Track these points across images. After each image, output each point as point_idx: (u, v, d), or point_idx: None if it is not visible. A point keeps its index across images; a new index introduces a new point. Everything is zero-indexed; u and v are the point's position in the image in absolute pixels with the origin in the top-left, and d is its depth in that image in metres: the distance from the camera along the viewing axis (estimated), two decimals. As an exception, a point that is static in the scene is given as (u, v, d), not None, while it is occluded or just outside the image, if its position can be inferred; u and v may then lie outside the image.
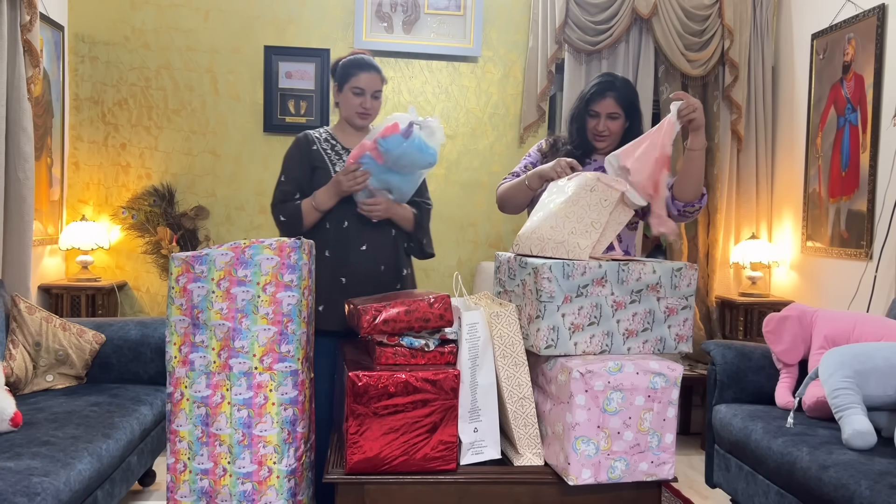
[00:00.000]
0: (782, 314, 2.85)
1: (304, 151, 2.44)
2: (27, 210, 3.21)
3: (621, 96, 2.37)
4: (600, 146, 2.41)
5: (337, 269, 2.38)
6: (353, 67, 2.40)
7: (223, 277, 1.83)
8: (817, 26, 3.82)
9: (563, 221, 1.84)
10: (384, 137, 2.21)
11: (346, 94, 2.40)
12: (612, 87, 2.38)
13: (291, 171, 2.44)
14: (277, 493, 1.82)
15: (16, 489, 1.80)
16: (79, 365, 2.87)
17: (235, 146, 4.00)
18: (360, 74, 2.38)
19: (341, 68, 2.42)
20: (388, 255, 2.42)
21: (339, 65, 2.44)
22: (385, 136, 2.21)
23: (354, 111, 2.41)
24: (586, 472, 1.65)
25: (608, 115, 2.38)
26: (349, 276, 2.37)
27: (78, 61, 3.90)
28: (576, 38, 3.98)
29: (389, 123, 2.23)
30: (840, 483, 2.04)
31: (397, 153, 2.21)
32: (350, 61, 2.42)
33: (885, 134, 3.32)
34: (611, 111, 2.37)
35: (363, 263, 2.38)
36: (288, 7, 3.99)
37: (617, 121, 2.39)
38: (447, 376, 1.66)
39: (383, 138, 2.21)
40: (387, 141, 2.21)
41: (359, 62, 2.41)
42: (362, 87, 2.39)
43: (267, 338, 1.82)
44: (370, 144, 2.25)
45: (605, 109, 2.37)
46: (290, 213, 2.39)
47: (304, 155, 2.44)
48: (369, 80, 2.39)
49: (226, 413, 1.82)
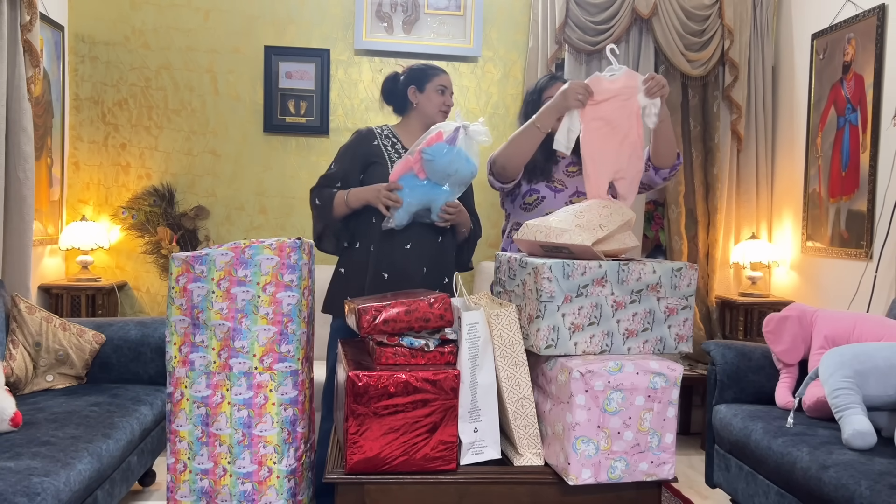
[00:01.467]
0: (782, 314, 2.85)
1: (364, 145, 2.56)
2: (27, 210, 3.21)
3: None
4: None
5: (380, 265, 2.44)
6: (431, 69, 2.61)
7: (223, 277, 1.83)
8: (817, 26, 3.82)
9: (571, 219, 1.87)
10: (429, 146, 2.26)
11: (428, 94, 2.57)
12: (559, 78, 2.60)
13: (342, 162, 2.56)
14: (277, 493, 1.82)
15: (16, 489, 1.80)
16: (79, 365, 2.87)
17: (235, 146, 4.00)
18: (442, 75, 2.60)
19: (417, 72, 2.60)
20: (432, 257, 2.48)
21: (410, 70, 2.63)
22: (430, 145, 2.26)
23: (438, 108, 2.57)
24: (586, 472, 1.66)
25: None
26: (392, 272, 2.43)
27: (78, 61, 3.90)
28: (576, 38, 3.98)
29: (433, 133, 2.28)
30: (840, 483, 2.04)
31: (443, 162, 2.25)
32: (426, 65, 2.65)
33: (885, 134, 3.32)
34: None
35: (406, 262, 2.44)
36: (288, 7, 3.99)
37: None
38: (447, 376, 1.66)
39: (428, 146, 2.25)
40: (432, 150, 2.25)
41: (435, 66, 2.65)
42: (445, 85, 2.59)
43: (267, 338, 1.83)
44: (413, 158, 2.29)
45: (552, 94, 2.44)
46: (324, 198, 2.50)
47: (362, 148, 2.55)
48: (448, 80, 2.62)
49: (226, 413, 1.82)
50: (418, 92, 2.58)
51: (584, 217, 1.87)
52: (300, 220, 4.02)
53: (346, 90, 4.04)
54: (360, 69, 4.03)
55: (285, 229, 4.02)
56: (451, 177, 2.29)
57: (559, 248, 1.84)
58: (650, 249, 4.37)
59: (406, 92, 2.59)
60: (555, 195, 2.52)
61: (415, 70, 2.62)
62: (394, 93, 2.63)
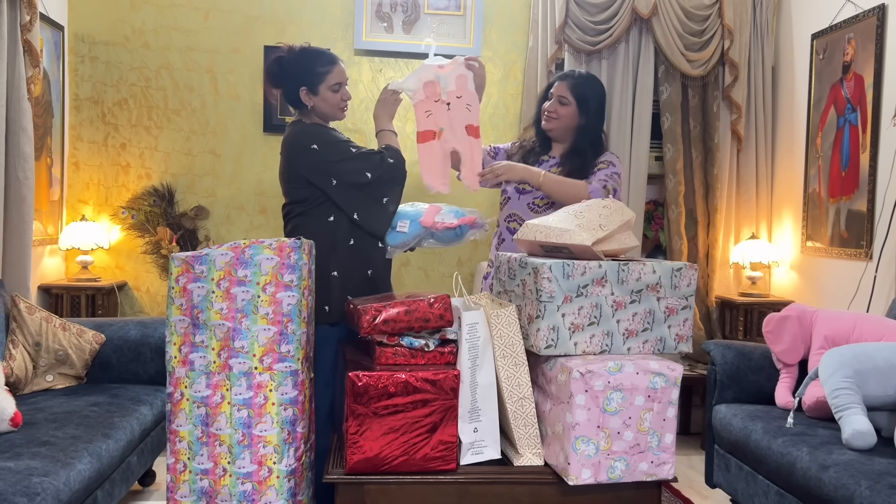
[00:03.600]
0: (782, 314, 2.85)
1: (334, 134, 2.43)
2: (27, 210, 3.21)
3: (575, 85, 2.59)
4: (546, 126, 2.64)
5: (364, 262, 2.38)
6: (321, 64, 2.32)
7: (223, 277, 1.83)
8: (817, 26, 3.82)
9: (572, 218, 1.88)
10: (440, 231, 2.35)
11: (323, 95, 2.33)
12: (570, 76, 2.64)
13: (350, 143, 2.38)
14: (277, 493, 1.82)
15: (16, 489, 1.80)
16: (79, 365, 2.87)
17: (235, 146, 4.00)
18: (334, 69, 2.33)
19: (305, 68, 2.31)
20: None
21: (297, 63, 2.32)
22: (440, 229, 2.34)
23: (337, 107, 2.38)
24: (586, 472, 1.66)
25: (559, 97, 2.60)
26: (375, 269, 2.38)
27: (78, 61, 3.90)
28: (576, 38, 3.98)
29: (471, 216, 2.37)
30: (840, 483, 2.04)
31: (446, 243, 2.39)
32: (313, 59, 2.32)
33: (885, 134, 3.32)
34: (561, 94, 2.59)
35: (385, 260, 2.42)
36: (288, 7, 3.99)
37: (566, 107, 2.59)
38: (447, 376, 1.66)
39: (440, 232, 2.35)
40: (443, 235, 2.36)
41: (324, 56, 2.33)
42: (340, 81, 2.34)
43: (267, 338, 1.83)
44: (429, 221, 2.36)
45: (557, 92, 2.61)
46: (393, 152, 2.36)
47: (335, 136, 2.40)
48: (342, 71, 2.35)
49: (226, 413, 1.83)
50: (312, 95, 2.34)
51: (584, 217, 1.87)
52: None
53: (346, 90, 4.04)
54: (359, 69, 4.03)
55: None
56: (439, 244, 2.41)
57: (559, 247, 1.84)
58: (650, 249, 4.37)
59: (298, 93, 2.34)
60: (519, 196, 2.63)
61: (302, 65, 2.31)
62: (281, 81, 2.36)
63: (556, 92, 2.60)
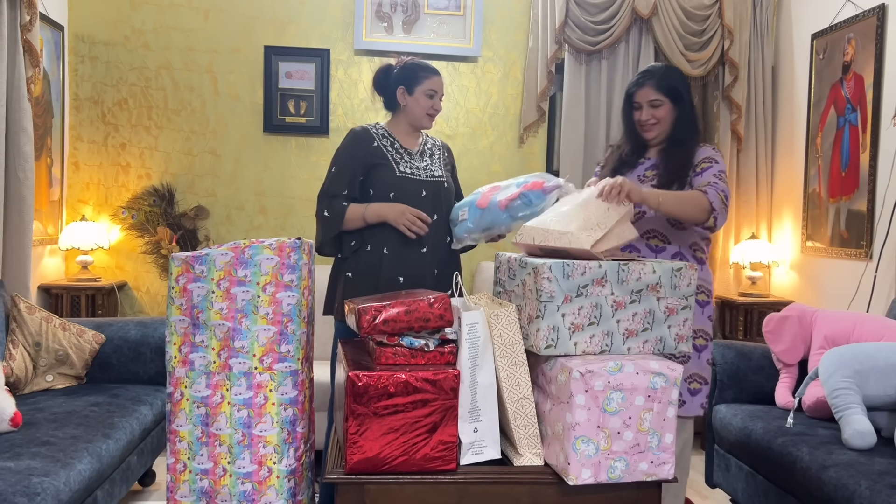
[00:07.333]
0: (782, 314, 2.85)
1: (364, 146, 2.49)
2: (27, 210, 3.21)
3: (660, 82, 2.38)
4: (649, 136, 2.42)
5: (396, 268, 2.43)
6: (423, 71, 2.51)
7: (223, 277, 1.83)
8: (817, 26, 3.82)
9: (569, 219, 1.87)
10: (532, 190, 2.25)
11: (417, 97, 2.49)
12: (649, 75, 2.40)
13: (346, 163, 2.49)
14: (277, 493, 1.82)
15: (16, 489, 1.80)
16: (79, 365, 2.87)
17: (235, 146, 4.00)
18: (433, 78, 2.51)
19: (408, 71, 2.51)
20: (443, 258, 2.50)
21: (402, 68, 2.53)
22: (532, 190, 2.26)
23: (425, 112, 2.51)
24: (586, 472, 1.65)
25: (649, 102, 2.38)
26: (407, 276, 2.42)
27: (78, 61, 3.90)
28: (576, 38, 3.99)
29: (533, 180, 2.27)
30: (840, 483, 2.04)
31: (535, 210, 2.23)
32: (417, 65, 2.53)
33: (885, 134, 3.32)
34: (651, 98, 2.38)
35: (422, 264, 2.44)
36: (288, 7, 3.99)
37: (661, 108, 2.39)
38: (447, 376, 1.66)
39: (531, 191, 2.25)
40: (534, 195, 2.24)
41: (427, 67, 2.54)
42: (435, 89, 2.51)
43: (267, 338, 1.83)
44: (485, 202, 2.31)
45: (645, 98, 2.39)
46: (335, 210, 2.44)
47: (361, 149, 2.49)
48: (440, 83, 2.53)
49: (226, 413, 1.82)
50: (407, 94, 2.51)
51: (581, 215, 1.86)
52: (300, 220, 4.02)
53: (346, 90, 4.04)
54: (359, 69, 4.03)
55: (285, 229, 4.02)
56: (517, 220, 2.28)
57: (558, 249, 1.84)
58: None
59: (395, 91, 2.52)
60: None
61: (406, 69, 2.53)
62: (384, 87, 2.57)
63: (643, 98, 2.39)
